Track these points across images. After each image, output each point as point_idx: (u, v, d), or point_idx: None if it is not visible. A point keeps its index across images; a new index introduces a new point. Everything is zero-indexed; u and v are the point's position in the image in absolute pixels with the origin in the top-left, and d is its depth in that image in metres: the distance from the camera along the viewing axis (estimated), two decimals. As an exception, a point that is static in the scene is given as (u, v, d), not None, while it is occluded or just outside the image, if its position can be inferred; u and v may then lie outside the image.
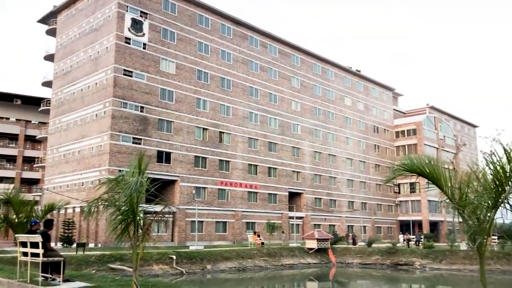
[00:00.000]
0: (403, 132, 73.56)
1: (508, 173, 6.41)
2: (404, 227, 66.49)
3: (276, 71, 55.72)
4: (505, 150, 6.59)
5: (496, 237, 38.44)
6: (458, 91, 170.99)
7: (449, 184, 6.99)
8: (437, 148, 72.37)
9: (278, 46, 56.69)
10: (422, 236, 42.27)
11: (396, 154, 72.40)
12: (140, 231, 9.09)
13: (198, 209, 40.20)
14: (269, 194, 52.16)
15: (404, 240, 43.40)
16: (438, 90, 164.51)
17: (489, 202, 6.65)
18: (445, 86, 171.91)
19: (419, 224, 66.70)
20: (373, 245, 40.38)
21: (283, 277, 32.20)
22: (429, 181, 7.33)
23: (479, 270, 6.80)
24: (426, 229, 64.07)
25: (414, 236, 43.59)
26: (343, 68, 66.74)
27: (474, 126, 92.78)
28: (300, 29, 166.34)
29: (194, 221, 39.85)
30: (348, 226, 61.38)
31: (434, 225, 67.81)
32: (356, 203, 64.02)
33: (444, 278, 31.34)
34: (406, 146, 71.94)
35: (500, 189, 6.46)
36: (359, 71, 70.14)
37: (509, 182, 6.36)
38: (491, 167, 6.68)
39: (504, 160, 6.58)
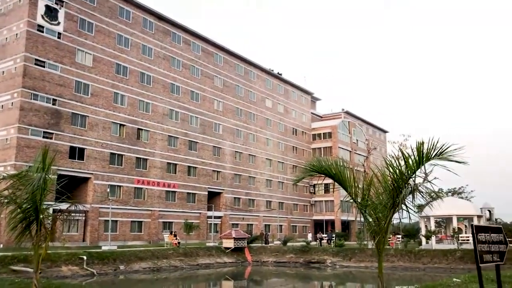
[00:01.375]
0: (319, 135, 76.40)
1: (405, 176, 6.92)
2: (318, 226, 69.09)
3: (198, 69, 55.34)
4: (403, 155, 7.10)
5: (400, 236, 41.25)
6: (372, 98, 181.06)
7: (353, 185, 7.40)
8: (350, 151, 76.08)
9: (201, 44, 56.35)
10: (334, 235, 44.18)
11: (312, 155, 74.95)
12: (43, 230, 8.61)
13: (113, 208, 38.80)
14: (188, 193, 51.67)
15: (316, 239, 45.23)
16: (353, 97, 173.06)
17: (388, 202, 7.14)
18: (360, 92, 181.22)
19: (332, 223, 69.61)
20: (288, 244, 41.52)
21: (199, 277, 32.06)
22: (335, 182, 7.71)
23: (378, 266, 7.25)
24: (338, 228, 67.03)
25: (326, 235, 45.46)
26: (265, 70, 67.95)
27: (385, 132, 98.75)
28: (225, 30, 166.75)
29: (108, 220, 38.41)
30: (266, 225, 62.53)
31: (346, 225, 71.13)
32: (274, 203, 65.44)
33: (353, 275, 32.97)
34: (322, 149, 74.80)
35: (397, 191, 6.96)
36: (280, 74, 71.79)
37: (405, 185, 6.88)
38: (391, 170, 7.17)
39: (403, 164, 7.10)
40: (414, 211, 7.70)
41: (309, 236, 53.49)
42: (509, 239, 33.50)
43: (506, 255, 7.91)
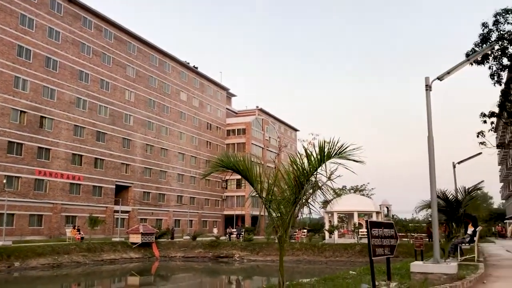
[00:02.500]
0: (234, 131, 77.01)
1: (307, 173, 7.19)
2: (229, 221, 69.69)
3: (110, 57, 53.05)
4: (306, 153, 7.37)
5: (306, 231, 42.93)
6: (285, 97, 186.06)
7: (259, 181, 7.55)
8: (263, 148, 77.68)
9: (114, 32, 54.06)
10: (243, 230, 44.84)
11: (226, 151, 75.30)
12: None
13: (9, 200, 35.99)
14: (94, 186, 49.45)
15: (225, 234, 45.68)
16: (268, 95, 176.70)
17: (291, 198, 7.37)
18: (274, 91, 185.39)
19: (242, 218, 70.59)
20: (198, 239, 41.41)
21: (103, 273, 30.81)
22: (242, 177, 7.81)
23: (279, 260, 7.46)
24: (248, 223, 68.12)
25: (235, 230, 46.03)
26: (181, 62, 66.92)
27: (296, 130, 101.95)
28: (141, 21, 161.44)
29: (3, 213, 35.56)
30: (176, 220, 61.79)
31: (255, 219, 72.47)
32: (185, 198, 64.85)
33: (260, 269, 33.68)
34: (236, 144, 75.51)
35: (300, 187, 7.21)
36: (196, 67, 71.16)
37: (307, 181, 7.14)
38: (295, 167, 7.41)
39: (305, 161, 7.37)
40: (317, 207, 8.03)
41: (215, 231, 54.00)
42: (403, 234, 36.13)
43: (397, 248, 8.59)
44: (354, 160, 7.26)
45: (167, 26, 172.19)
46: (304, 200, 7.28)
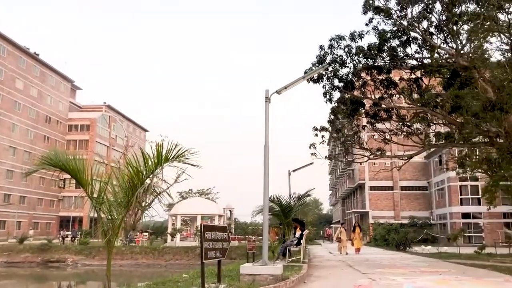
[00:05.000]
0: (76, 126, 71.96)
1: (142, 176, 7.04)
2: (65, 223, 64.69)
3: None
4: (143, 155, 7.22)
5: (147, 234, 42.10)
6: (136, 96, 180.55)
7: (90, 182, 7.15)
8: (108, 147, 74.05)
9: None
10: (79, 232, 42.10)
11: (66, 148, 69.93)
12: None
13: None
14: None
15: (59, 237, 42.40)
16: (118, 92, 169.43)
17: (124, 200, 7.14)
18: (125, 89, 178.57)
19: (80, 220, 66.13)
20: (26, 242, 37.57)
21: None
22: (72, 177, 7.32)
23: (107, 264, 7.14)
24: (86, 225, 64.01)
25: (70, 233, 43.04)
26: (19, 47, 60.27)
27: (145, 130, 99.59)
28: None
29: None
30: (1, 221, 55.14)
31: (95, 222, 68.50)
32: (14, 196, 58.30)
33: (95, 273, 31.88)
34: (78, 141, 70.64)
35: (133, 189, 7.02)
36: (37, 54, 64.84)
37: (140, 183, 7.00)
38: (130, 169, 7.20)
39: (142, 163, 7.22)
40: (161, 210, 7.92)
41: (31, 232, 49.47)
42: (242, 237, 37.67)
43: (231, 251, 8.92)
44: (192, 164, 7.36)
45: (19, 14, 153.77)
46: (143, 203, 7.15)
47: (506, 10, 14.81)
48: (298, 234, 15.99)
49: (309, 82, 18.07)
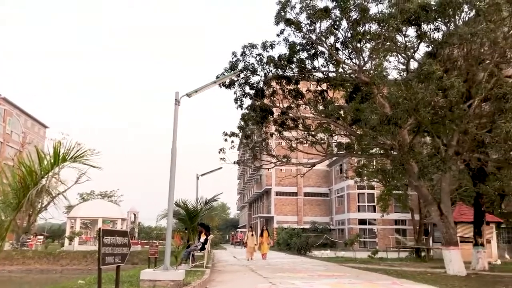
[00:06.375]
0: (-35, 118, 65.36)
1: (35, 176, 6.57)
2: None
3: None
4: (38, 154, 6.75)
5: (43, 237, 39.42)
6: (37, 91, 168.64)
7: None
8: (2, 142, 68.18)
9: None
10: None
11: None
12: None
13: None
14: None
15: None
16: (16, 85, 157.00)
17: (13, 202, 6.61)
18: (24, 81, 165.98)
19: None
20: None
21: None
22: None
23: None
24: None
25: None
26: None
27: (45, 127, 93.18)
28: None
29: None
30: None
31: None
32: None
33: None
34: (-34, 135, 64.16)
35: (25, 191, 6.53)
36: None
37: (34, 184, 6.53)
38: (23, 169, 6.69)
39: (37, 162, 6.74)
40: (59, 212, 7.43)
41: None
42: (146, 241, 36.67)
43: (134, 256, 8.61)
44: (92, 166, 7.04)
45: None
46: (38, 205, 6.65)
47: (404, 33, 16.09)
48: (202, 239, 15.94)
49: (221, 87, 18.17)
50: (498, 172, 19.88)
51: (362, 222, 46.04)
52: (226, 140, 19.46)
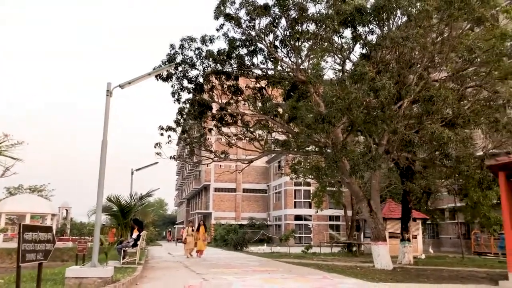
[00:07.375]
0: None
1: None
2: None
3: None
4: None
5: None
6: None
7: None
8: None
9: None
10: None
11: None
12: None
13: None
14: None
15: None
16: (17, 85, 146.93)
17: None
18: None
19: None
20: None
21: None
22: None
23: None
24: None
25: None
26: None
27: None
28: None
29: None
30: None
31: None
32: None
33: None
34: None
35: None
36: None
37: None
38: None
39: None
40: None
41: None
42: (77, 237, 35.29)
43: (62, 252, 8.21)
44: (12, 157, 6.63)
45: None
46: None
47: (341, 34, 16.51)
48: (135, 235, 15.55)
49: (157, 79, 17.78)
50: (425, 171, 20.96)
51: (298, 218, 47.01)
52: (162, 134, 19.09)
